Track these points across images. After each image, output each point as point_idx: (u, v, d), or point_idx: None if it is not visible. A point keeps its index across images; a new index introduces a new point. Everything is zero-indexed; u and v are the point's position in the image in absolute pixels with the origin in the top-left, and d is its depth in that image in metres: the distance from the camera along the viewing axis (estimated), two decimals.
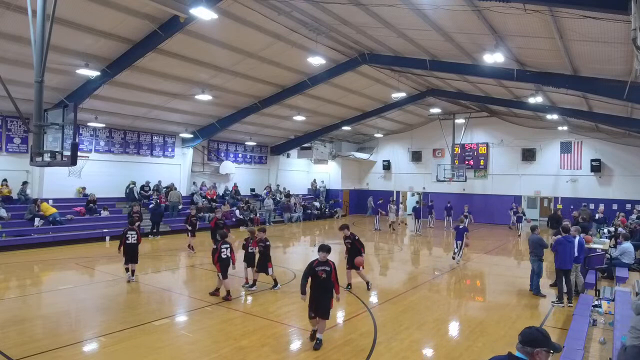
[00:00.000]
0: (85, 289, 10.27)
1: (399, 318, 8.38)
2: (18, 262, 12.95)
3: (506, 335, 7.54)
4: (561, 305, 9.33)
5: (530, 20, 9.58)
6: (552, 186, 25.87)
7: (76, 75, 13.93)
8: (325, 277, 6.69)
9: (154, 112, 19.13)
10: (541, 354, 2.89)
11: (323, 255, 6.80)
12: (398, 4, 10.29)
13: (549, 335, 2.98)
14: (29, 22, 7.61)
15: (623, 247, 11.08)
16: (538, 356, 2.89)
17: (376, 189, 32.02)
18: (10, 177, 16.86)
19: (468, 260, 14.70)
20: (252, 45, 14.39)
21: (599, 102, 16.07)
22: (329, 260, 6.84)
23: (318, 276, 6.69)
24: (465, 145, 28.35)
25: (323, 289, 6.73)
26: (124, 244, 10.71)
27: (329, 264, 6.79)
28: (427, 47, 14.32)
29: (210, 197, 23.62)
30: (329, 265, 6.78)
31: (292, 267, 12.98)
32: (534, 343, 2.91)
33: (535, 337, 2.94)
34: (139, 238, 10.93)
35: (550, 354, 2.94)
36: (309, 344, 6.92)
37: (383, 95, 21.85)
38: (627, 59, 10.43)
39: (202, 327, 7.74)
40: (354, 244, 10.15)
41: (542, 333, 2.97)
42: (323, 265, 6.75)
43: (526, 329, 3.00)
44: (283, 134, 27.12)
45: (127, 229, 10.94)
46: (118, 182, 20.22)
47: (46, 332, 7.30)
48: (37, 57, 7.34)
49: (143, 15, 11.58)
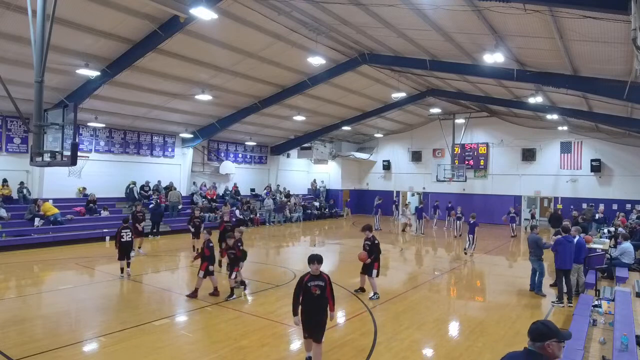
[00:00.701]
0: (85, 289, 10.27)
1: (399, 318, 8.38)
2: (18, 262, 12.95)
3: (506, 335, 7.55)
4: (561, 305, 9.33)
5: (530, 20, 9.57)
6: (552, 186, 25.87)
7: (76, 75, 13.93)
8: (319, 294, 5.72)
9: (154, 112, 19.13)
10: (552, 345, 2.92)
11: (315, 267, 5.79)
12: (398, 4, 10.28)
13: (555, 326, 3.00)
14: (29, 22, 7.61)
15: (623, 247, 11.08)
16: (550, 348, 2.92)
17: (376, 189, 32.02)
18: (10, 177, 16.87)
19: (475, 255, 14.72)
20: (252, 45, 14.39)
21: (599, 102, 16.07)
22: (323, 273, 5.86)
23: (311, 292, 5.69)
24: (465, 145, 28.35)
25: (317, 307, 5.75)
26: (119, 242, 11.05)
27: (322, 277, 5.80)
28: (427, 47, 14.32)
29: (210, 197, 23.63)
30: (322, 279, 5.79)
31: (293, 267, 12.99)
32: (542, 337, 2.94)
33: (541, 330, 2.97)
34: (133, 235, 11.38)
35: (561, 343, 2.96)
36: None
37: (383, 95, 21.85)
38: (627, 59, 10.43)
39: (202, 327, 7.74)
40: (372, 248, 9.70)
41: (547, 325, 2.99)
42: (316, 280, 5.75)
43: (532, 325, 3.04)
44: (283, 134, 27.12)
45: (122, 227, 11.18)
46: (118, 182, 20.22)
47: (46, 332, 7.30)
48: (37, 57, 7.34)
49: (143, 15, 11.58)
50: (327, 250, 17.85)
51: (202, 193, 23.56)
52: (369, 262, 9.66)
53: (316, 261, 5.82)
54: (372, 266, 9.63)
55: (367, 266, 9.71)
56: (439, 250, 17.60)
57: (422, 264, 15.01)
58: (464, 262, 13.85)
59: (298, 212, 27.05)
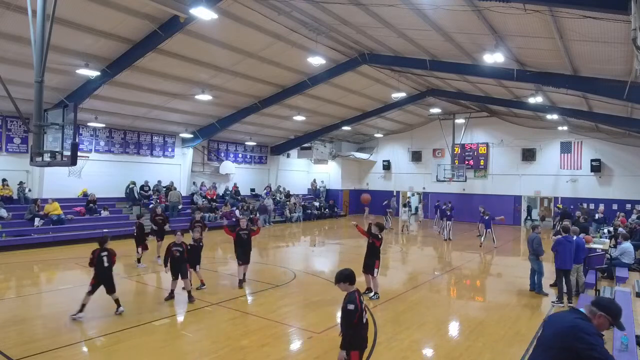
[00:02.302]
0: (85, 289, 10.23)
1: (399, 318, 8.39)
2: (18, 262, 12.95)
3: (506, 335, 7.55)
4: (561, 305, 9.33)
5: (530, 20, 9.57)
6: (552, 186, 25.87)
7: (76, 75, 13.93)
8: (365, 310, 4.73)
9: (154, 112, 19.13)
10: (602, 319, 3.04)
11: (345, 286, 4.70)
12: (398, 4, 10.28)
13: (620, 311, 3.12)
14: (29, 22, 7.61)
15: (623, 247, 11.07)
16: (599, 319, 3.04)
17: (376, 189, 32.02)
18: (10, 177, 16.87)
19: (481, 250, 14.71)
20: (252, 45, 14.39)
21: (599, 102, 16.07)
22: (353, 292, 4.65)
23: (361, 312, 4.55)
24: (465, 145, 28.34)
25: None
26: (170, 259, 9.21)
27: (355, 295, 4.61)
28: (427, 47, 14.32)
29: (210, 197, 23.63)
30: (355, 296, 4.59)
31: (293, 267, 12.99)
32: (604, 309, 3.07)
33: (610, 306, 3.11)
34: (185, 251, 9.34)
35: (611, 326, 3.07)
36: (308, 343, 6.92)
37: (383, 95, 21.85)
38: (627, 59, 10.43)
39: (202, 327, 7.74)
40: (373, 244, 9.64)
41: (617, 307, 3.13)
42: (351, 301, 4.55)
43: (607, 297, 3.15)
44: (283, 134, 27.12)
45: (172, 244, 9.28)
46: (118, 182, 20.21)
47: (46, 332, 7.29)
48: (37, 57, 7.34)
49: (143, 15, 11.58)
50: (327, 250, 17.87)
51: (202, 193, 23.56)
52: (372, 261, 9.61)
53: (343, 280, 4.71)
54: (373, 265, 9.63)
55: (369, 266, 9.68)
56: (435, 250, 17.60)
57: (420, 264, 15.00)
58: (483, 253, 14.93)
59: (298, 212, 27.06)
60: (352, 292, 4.63)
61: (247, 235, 10.62)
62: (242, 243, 10.53)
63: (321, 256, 16.54)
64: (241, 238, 10.55)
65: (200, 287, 10.00)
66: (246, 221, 11.32)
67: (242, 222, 10.94)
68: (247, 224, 11.06)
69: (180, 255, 9.19)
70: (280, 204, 26.95)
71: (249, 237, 10.65)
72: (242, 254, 10.47)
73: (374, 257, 9.68)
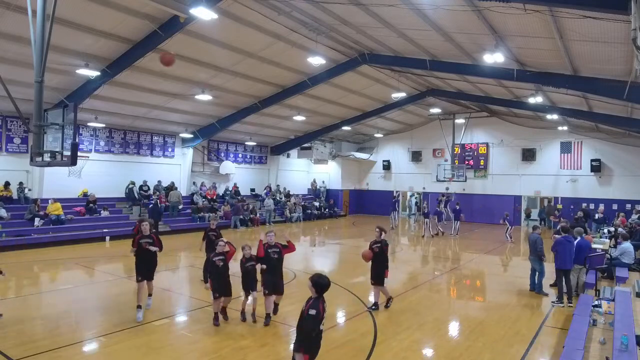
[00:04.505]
0: (85, 289, 10.27)
1: (399, 318, 8.38)
2: (18, 262, 12.94)
3: (506, 335, 7.55)
4: (561, 305, 9.33)
5: (530, 20, 9.57)
6: (552, 186, 25.86)
7: (76, 75, 13.92)
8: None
9: (154, 112, 19.13)
10: None
11: (315, 291, 4.65)
12: (398, 4, 10.28)
13: None
14: (29, 22, 7.60)
15: (623, 247, 11.07)
16: None
17: (376, 189, 32.02)
18: (10, 177, 16.86)
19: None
20: (252, 45, 14.39)
21: (599, 102, 16.07)
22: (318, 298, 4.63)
23: None
24: (465, 145, 28.34)
25: None
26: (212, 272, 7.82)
27: (319, 301, 4.63)
28: (427, 47, 14.31)
29: (210, 197, 23.63)
30: (319, 302, 4.60)
31: (293, 267, 12.98)
32: None
33: None
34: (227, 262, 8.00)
35: None
36: None
37: (383, 95, 21.85)
38: (627, 59, 10.43)
39: (202, 327, 7.73)
40: (382, 251, 8.86)
41: None
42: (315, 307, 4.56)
43: None
44: (283, 134, 27.11)
45: (213, 254, 7.98)
46: (118, 182, 20.20)
47: (46, 332, 7.29)
48: (37, 57, 7.33)
49: (143, 15, 11.58)
50: (327, 250, 17.86)
51: (202, 193, 23.56)
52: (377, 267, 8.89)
53: None
54: (383, 275, 8.82)
55: (380, 277, 8.84)
56: (436, 250, 17.60)
57: (421, 264, 15.00)
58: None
59: (298, 212, 27.06)
60: (317, 299, 4.62)
61: (279, 255, 7.99)
62: (272, 267, 7.96)
63: (321, 256, 16.54)
64: (270, 258, 7.95)
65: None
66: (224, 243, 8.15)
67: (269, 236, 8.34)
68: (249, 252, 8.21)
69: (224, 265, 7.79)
70: (280, 204, 26.96)
71: (280, 257, 8.03)
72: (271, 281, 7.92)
73: (383, 266, 8.83)
